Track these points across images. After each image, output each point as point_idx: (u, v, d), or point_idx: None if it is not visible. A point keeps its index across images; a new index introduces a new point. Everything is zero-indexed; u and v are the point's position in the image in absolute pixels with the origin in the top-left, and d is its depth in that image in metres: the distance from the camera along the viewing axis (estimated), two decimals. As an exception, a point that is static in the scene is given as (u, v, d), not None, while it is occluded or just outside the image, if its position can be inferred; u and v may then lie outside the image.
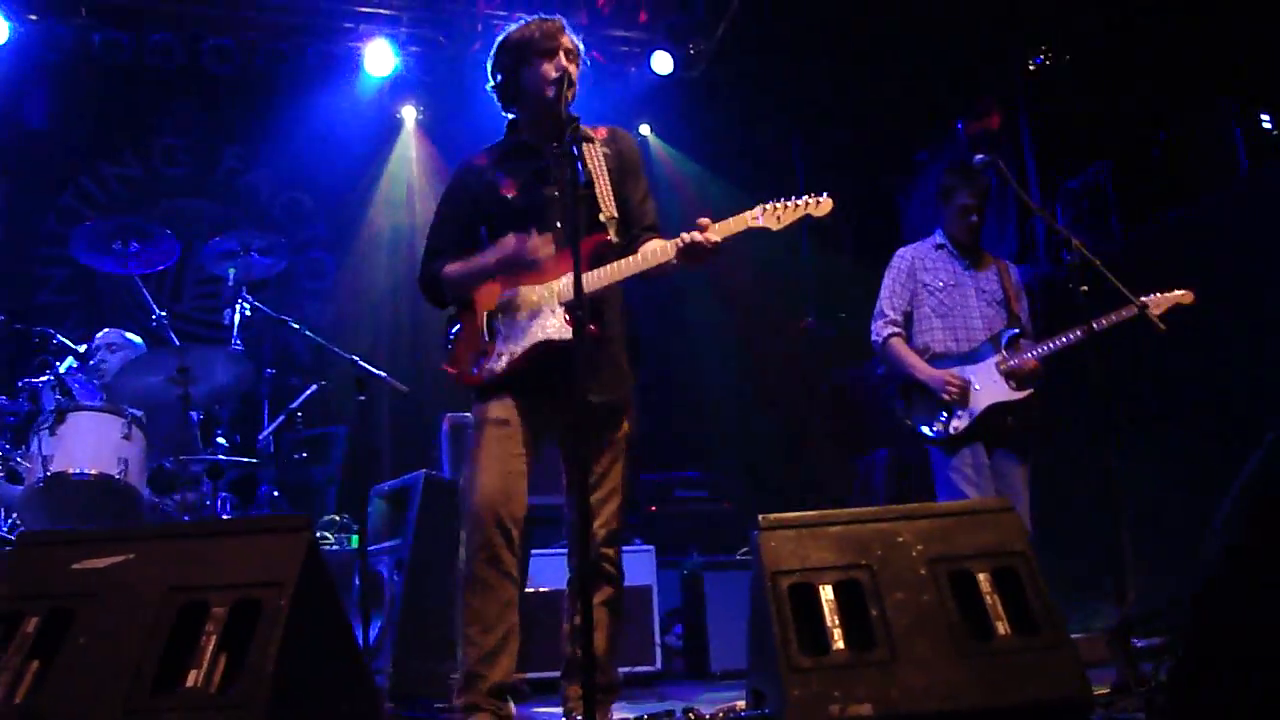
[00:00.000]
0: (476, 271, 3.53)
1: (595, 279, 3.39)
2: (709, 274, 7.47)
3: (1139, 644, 3.76)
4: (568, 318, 3.36)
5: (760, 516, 2.48)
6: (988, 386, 4.61)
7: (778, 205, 3.43)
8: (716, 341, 8.63)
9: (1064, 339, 4.51)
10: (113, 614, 1.97)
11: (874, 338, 4.90)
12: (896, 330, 4.85)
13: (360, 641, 3.83)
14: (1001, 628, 2.30)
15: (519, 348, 3.42)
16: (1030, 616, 2.32)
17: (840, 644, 2.25)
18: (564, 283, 3.41)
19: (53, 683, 1.91)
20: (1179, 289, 4.46)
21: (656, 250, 3.41)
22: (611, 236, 3.44)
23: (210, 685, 1.88)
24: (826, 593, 2.32)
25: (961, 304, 4.79)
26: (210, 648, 1.92)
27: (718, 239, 3.34)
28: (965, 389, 4.59)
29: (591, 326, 3.32)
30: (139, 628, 1.95)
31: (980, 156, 4.41)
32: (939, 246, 4.93)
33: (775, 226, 3.43)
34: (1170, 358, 5.46)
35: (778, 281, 3.21)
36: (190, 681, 1.87)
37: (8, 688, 1.90)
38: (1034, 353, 4.58)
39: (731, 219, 3.40)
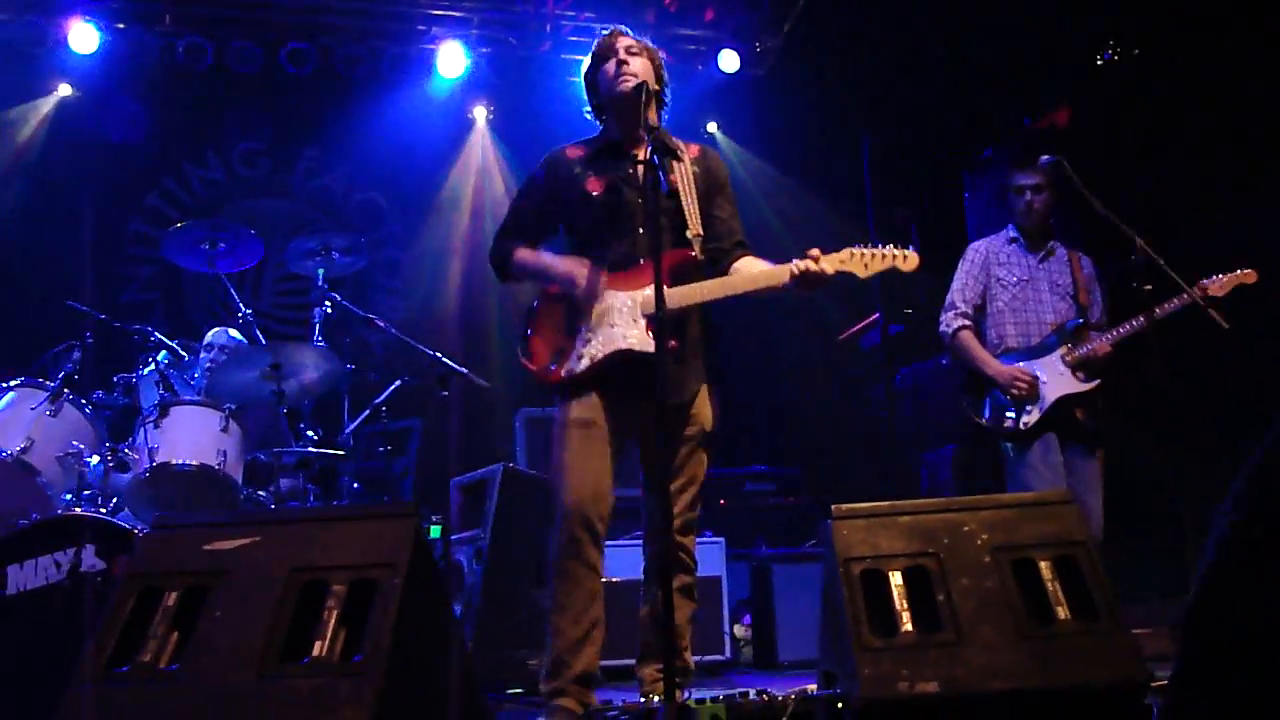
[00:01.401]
0: (541, 272, 3.65)
1: (685, 295, 3.49)
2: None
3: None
4: (650, 330, 3.46)
5: (833, 506, 2.62)
6: (1055, 379, 4.65)
7: (866, 251, 3.52)
8: (785, 338, 8.73)
9: (1126, 327, 4.54)
10: (243, 590, 2.18)
11: (943, 328, 4.95)
12: (966, 323, 4.89)
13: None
14: (1062, 613, 2.41)
15: (600, 352, 3.51)
16: (1090, 603, 2.43)
17: (909, 626, 2.38)
18: (650, 292, 3.55)
19: (192, 650, 2.12)
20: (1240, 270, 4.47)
21: (768, 274, 3.52)
22: (697, 253, 3.56)
23: (333, 655, 2.08)
24: (896, 578, 2.45)
25: (1034, 298, 4.83)
26: (332, 622, 2.11)
27: (831, 270, 3.45)
28: (1034, 384, 4.63)
29: (674, 341, 3.46)
30: (267, 603, 2.14)
31: (1046, 157, 4.47)
32: (1012, 240, 4.96)
33: (862, 274, 3.52)
34: (1239, 352, 5.47)
35: (846, 278, 3.30)
36: (316, 651, 2.06)
37: (154, 654, 2.11)
38: (1101, 340, 4.61)
39: (826, 259, 3.47)
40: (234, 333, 5.59)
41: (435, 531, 5.24)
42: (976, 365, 4.79)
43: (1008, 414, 4.66)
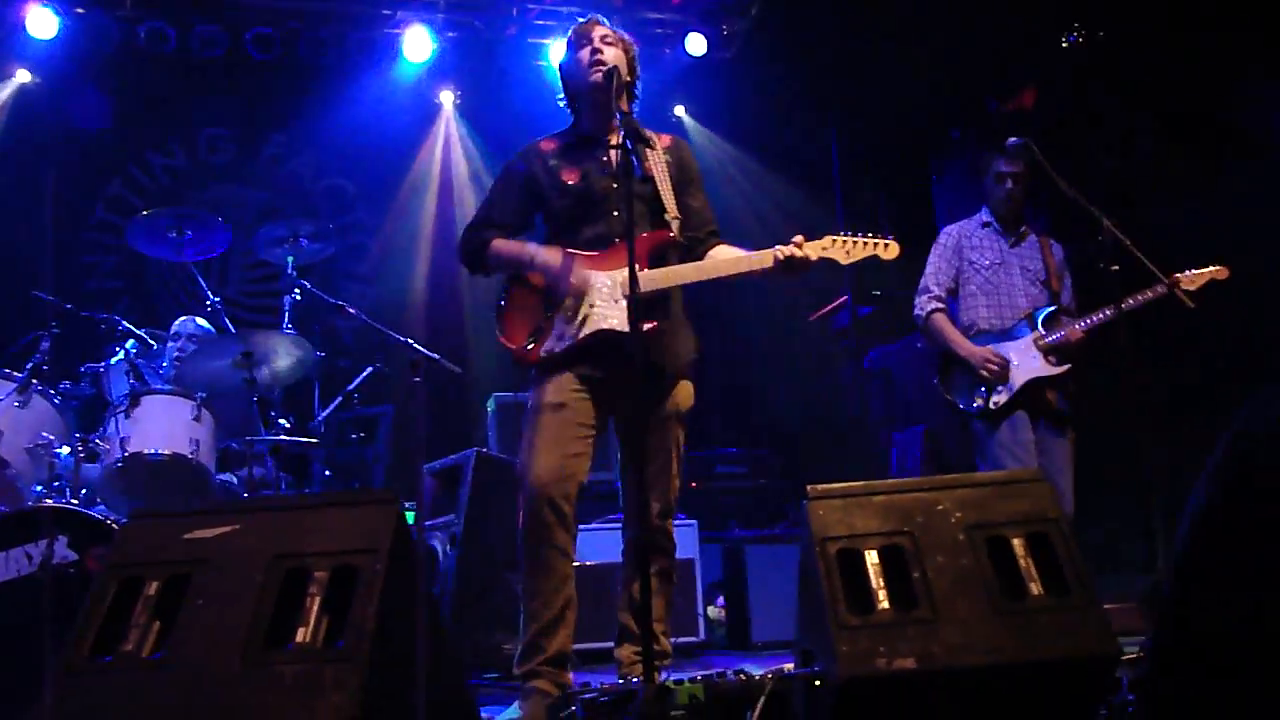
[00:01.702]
0: (521, 260, 3.65)
1: (667, 277, 3.53)
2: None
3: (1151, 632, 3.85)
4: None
5: (808, 487, 2.64)
6: (1026, 362, 4.72)
7: (848, 239, 3.57)
8: (754, 319, 8.77)
9: (1097, 317, 4.62)
10: (225, 578, 2.18)
11: (917, 312, 5.01)
12: (940, 305, 4.95)
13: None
14: (1035, 589, 2.45)
15: (580, 331, 3.53)
16: (1062, 579, 2.47)
17: (885, 604, 2.42)
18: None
19: (176, 639, 2.12)
20: (1213, 265, 4.57)
21: (752, 258, 3.56)
22: (675, 234, 3.60)
23: (317, 641, 2.09)
24: (871, 557, 2.48)
25: (1006, 282, 4.90)
26: (315, 608, 2.12)
27: (814, 257, 3.50)
28: (1005, 366, 4.70)
29: (655, 324, 3.48)
30: (249, 590, 2.15)
31: (1014, 140, 4.52)
32: (985, 224, 5.03)
33: (844, 261, 3.59)
34: (1203, 331, 5.55)
35: (826, 264, 3.34)
36: (299, 638, 2.07)
37: (136, 643, 2.11)
38: (1075, 327, 4.68)
39: (810, 244, 3.53)
40: (202, 321, 5.56)
41: (409, 518, 5.22)
42: (950, 346, 4.86)
43: (978, 394, 4.74)
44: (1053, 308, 4.82)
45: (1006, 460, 4.62)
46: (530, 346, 3.59)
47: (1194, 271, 4.53)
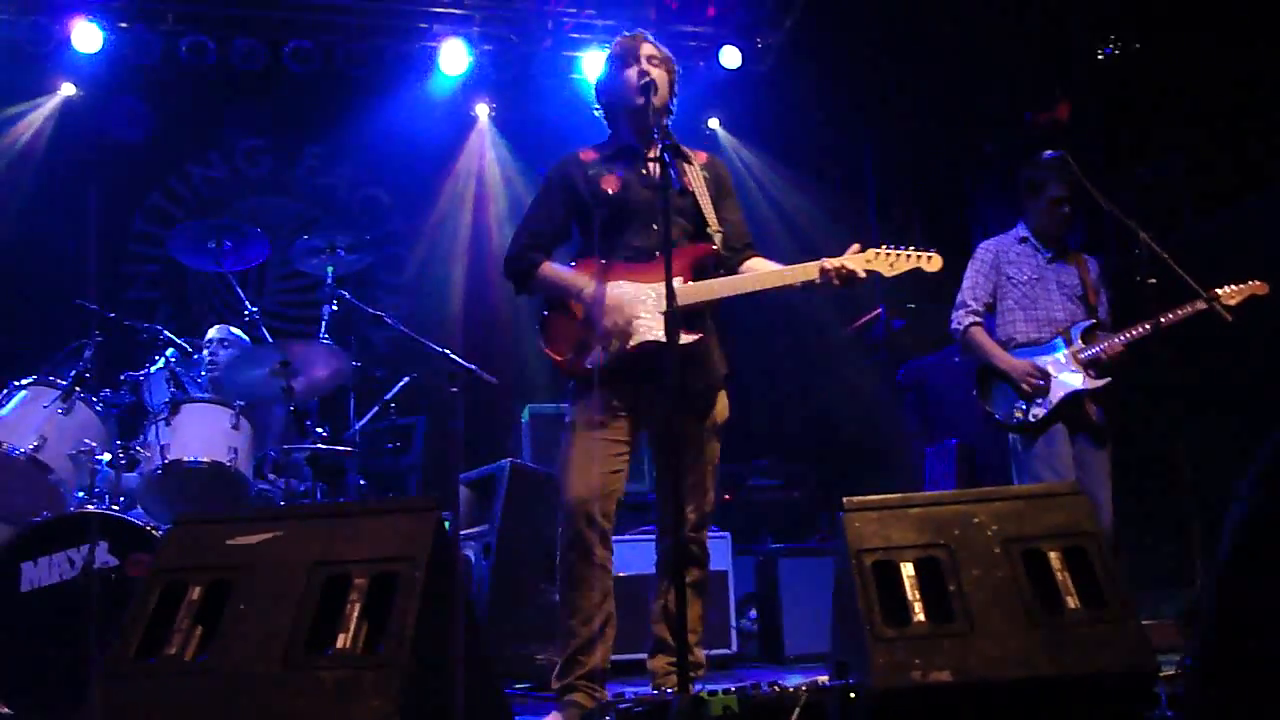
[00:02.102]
0: (564, 291, 3.65)
1: (710, 289, 3.55)
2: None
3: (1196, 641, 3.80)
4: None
5: (845, 499, 2.65)
6: (1065, 376, 4.70)
7: (891, 252, 3.56)
8: (789, 332, 8.76)
9: (1136, 331, 4.60)
10: (267, 584, 2.21)
11: (954, 326, 5.00)
12: (977, 320, 4.94)
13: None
14: (1071, 602, 2.44)
15: (624, 344, 3.52)
16: (1099, 592, 2.46)
17: (921, 616, 2.42)
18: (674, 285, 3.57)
19: (218, 643, 2.15)
20: (1253, 280, 4.54)
21: (796, 270, 3.55)
22: (718, 247, 3.60)
23: (357, 647, 2.11)
24: (907, 569, 2.48)
25: (1044, 297, 4.88)
26: (355, 614, 2.14)
27: (862, 271, 3.50)
28: (1046, 378, 4.68)
29: (697, 334, 3.51)
30: (290, 596, 2.18)
31: (1049, 153, 4.50)
32: (1022, 240, 5.01)
33: (888, 273, 3.57)
34: (1242, 345, 5.49)
35: (870, 276, 3.36)
36: (340, 644, 2.10)
37: (179, 647, 2.14)
38: (1115, 341, 4.66)
39: (853, 257, 3.52)
40: (236, 330, 5.62)
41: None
42: (989, 359, 4.84)
43: (1017, 407, 4.72)
44: (1090, 322, 4.80)
45: (1044, 473, 4.60)
46: (575, 358, 3.59)
47: (1233, 287, 4.50)
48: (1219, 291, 4.47)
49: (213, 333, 5.46)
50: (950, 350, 6.75)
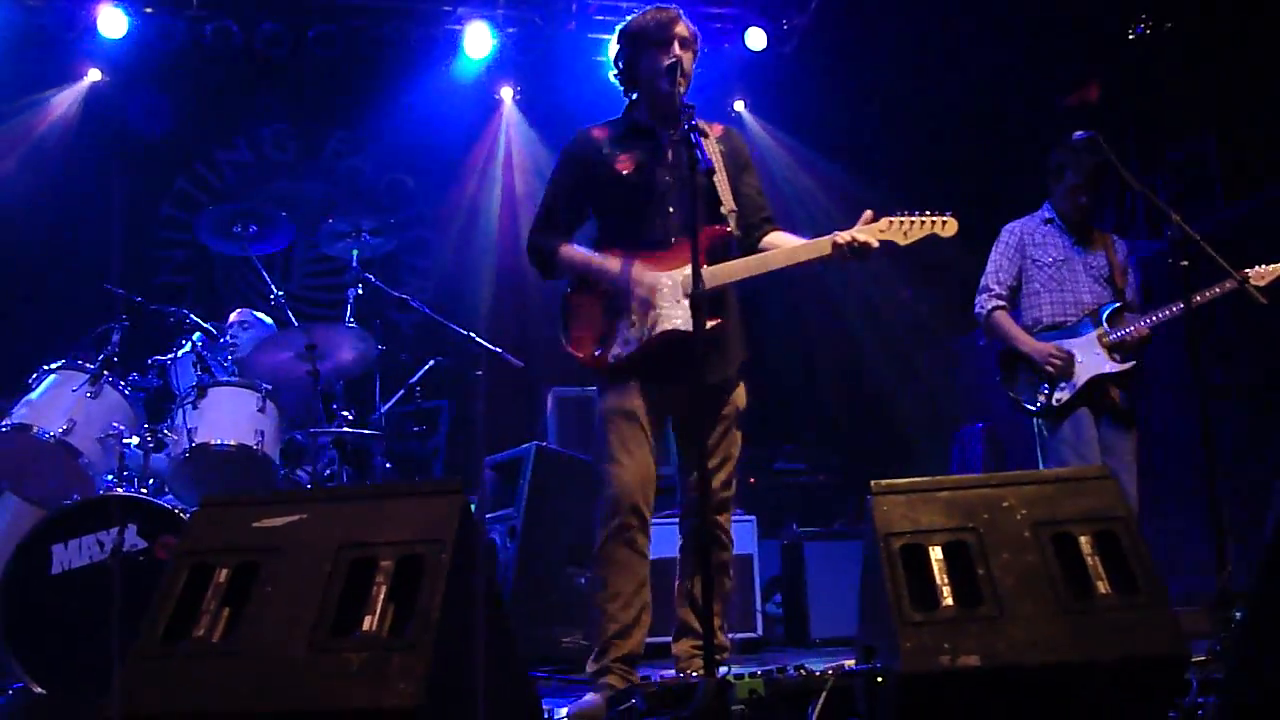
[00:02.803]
0: (588, 272, 3.64)
1: (726, 272, 3.52)
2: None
3: (1239, 616, 3.78)
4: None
5: (872, 482, 2.62)
6: (1090, 359, 4.65)
7: (905, 220, 3.54)
8: (815, 316, 8.72)
9: (1164, 312, 4.54)
10: (293, 567, 2.21)
11: (977, 310, 4.95)
12: (1001, 303, 4.88)
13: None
14: (1102, 587, 2.41)
15: (647, 335, 3.52)
16: (1130, 577, 2.43)
17: (949, 601, 2.39)
18: (689, 271, 3.55)
19: (245, 625, 2.16)
20: None
21: (809, 246, 3.54)
22: (733, 229, 3.57)
23: (383, 630, 2.11)
24: (936, 553, 2.46)
25: (1071, 279, 4.82)
26: (381, 597, 2.15)
27: (874, 241, 3.47)
28: (1069, 361, 4.63)
29: (718, 320, 3.48)
30: (317, 579, 2.18)
31: (1080, 134, 4.43)
32: (1048, 221, 4.95)
33: (902, 242, 3.55)
34: (1272, 329, 5.44)
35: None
36: (366, 626, 2.10)
37: (207, 629, 2.15)
38: (1140, 324, 4.61)
39: (865, 230, 3.50)
40: (259, 314, 5.64)
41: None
42: (1012, 343, 4.80)
43: (1041, 391, 4.67)
44: (1117, 304, 4.74)
45: (1070, 458, 4.55)
46: (598, 354, 3.60)
47: (1265, 267, 4.43)
48: (1250, 272, 4.41)
49: (233, 316, 5.49)
50: (977, 334, 6.71)
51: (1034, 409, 4.71)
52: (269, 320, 5.56)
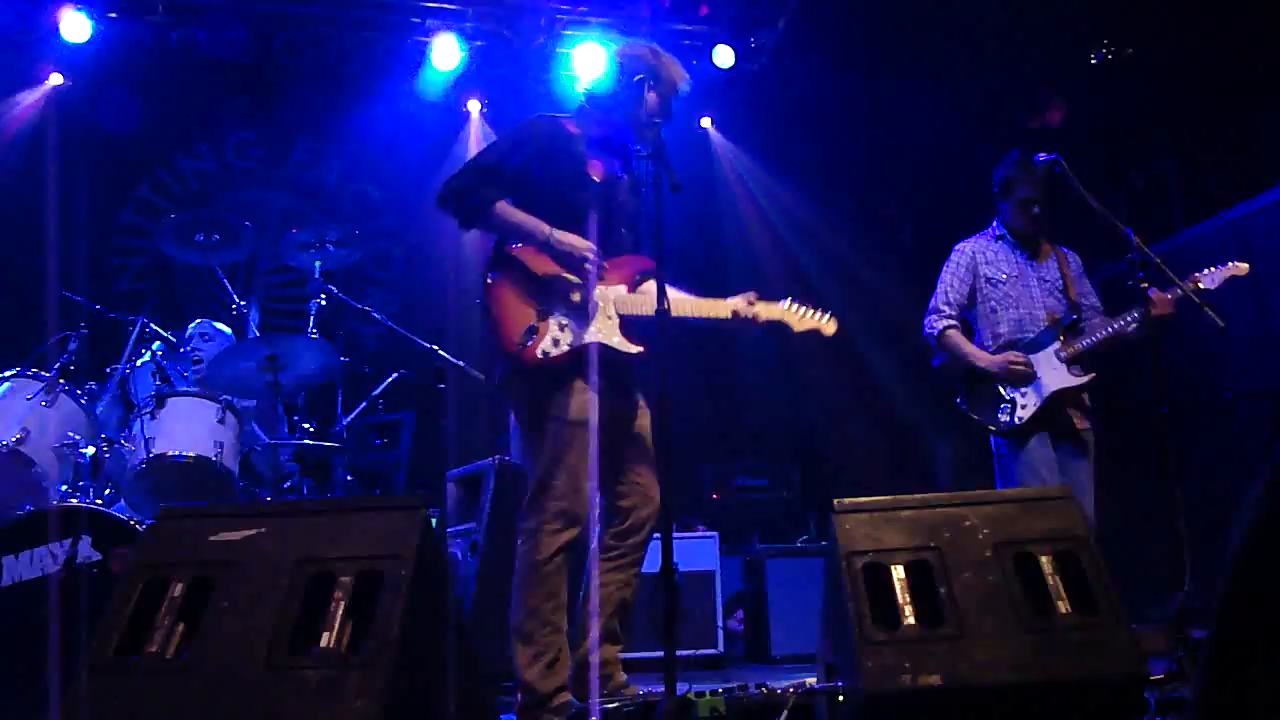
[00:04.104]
0: (532, 235, 3.47)
1: (646, 303, 3.51)
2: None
3: (1196, 635, 3.80)
4: (622, 330, 3.54)
5: (835, 501, 2.63)
6: (1050, 373, 4.63)
7: (802, 309, 3.71)
8: (775, 335, 8.74)
9: (1121, 322, 4.55)
10: (250, 581, 2.18)
11: (927, 331, 4.92)
12: (952, 323, 4.86)
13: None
14: (1063, 607, 2.43)
15: (579, 341, 3.47)
16: (1090, 597, 2.45)
17: (911, 620, 2.40)
18: (620, 292, 3.56)
19: (200, 641, 2.12)
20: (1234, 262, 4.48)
21: (710, 305, 3.65)
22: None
23: (341, 646, 2.08)
24: (898, 572, 2.47)
25: (1025, 294, 4.81)
26: (339, 613, 2.12)
27: (764, 318, 3.65)
28: (1029, 365, 4.63)
29: (640, 347, 3.54)
30: (274, 594, 2.15)
31: (1042, 156, 4.46)
32: (998, 238, 4.94)
33: (796, 327, 3.71)
34: (1230, 347, 5.50)
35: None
36: (324, 643, 2.07)
37: (160, 644, 2.11)
38: (1099, 334, 4.60)
39: (763, 305, 3.66)
40: (220, 325, 5.57)
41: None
42: (967, 360, 4.77)
43: (1002, 409, 4.65)
44: (1073, 317, 4.75)
45: (1029, 479, 4.53)
46: (526, 345, 3.44)
47: (1212, 270, 4.44)
48: (1198, 275, 4.41)
49: (192, 327, 5.43)
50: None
51: (996, 429, 4.69)
52: (228, 330, 5.50)
